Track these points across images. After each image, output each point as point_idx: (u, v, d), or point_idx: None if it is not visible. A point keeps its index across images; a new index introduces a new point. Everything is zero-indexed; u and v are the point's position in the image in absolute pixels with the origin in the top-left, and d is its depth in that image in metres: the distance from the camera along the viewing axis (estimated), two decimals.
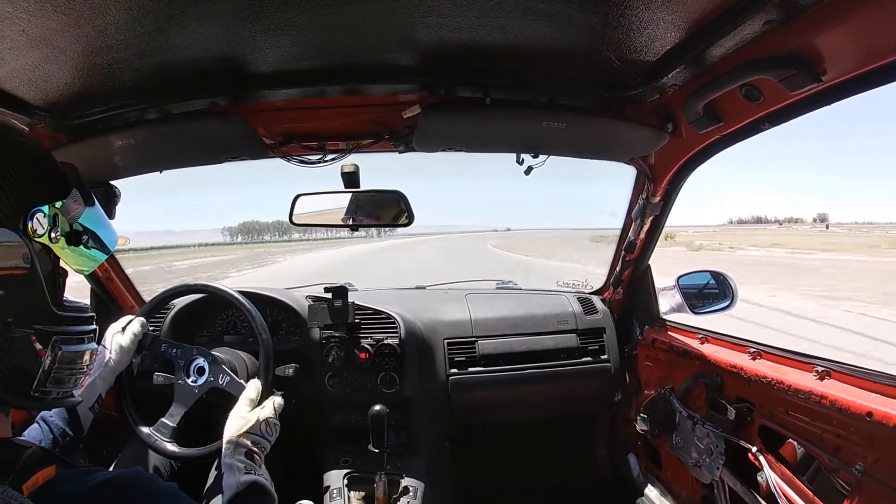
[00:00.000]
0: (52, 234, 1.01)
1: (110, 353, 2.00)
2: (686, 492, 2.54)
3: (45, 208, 0.99)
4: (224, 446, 1.69)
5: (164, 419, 2.09)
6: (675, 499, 2.64)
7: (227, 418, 1.83)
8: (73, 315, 1.06)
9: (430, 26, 1.45)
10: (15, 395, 0.98)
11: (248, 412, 1.80)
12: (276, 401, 1.89)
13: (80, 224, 1.09)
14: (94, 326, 1.13)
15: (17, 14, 1.19)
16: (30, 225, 0.96)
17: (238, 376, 2.16)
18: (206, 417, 2.12)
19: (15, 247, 0.95)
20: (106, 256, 1.23)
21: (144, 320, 2.13)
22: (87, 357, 1.10)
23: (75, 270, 1.15)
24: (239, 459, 1.65)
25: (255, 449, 1.72)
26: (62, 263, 1.08)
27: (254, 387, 1.89)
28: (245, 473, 1.60)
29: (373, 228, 2.37)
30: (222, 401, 2.02)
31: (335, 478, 2.51)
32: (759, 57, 1.43)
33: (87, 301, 2.82)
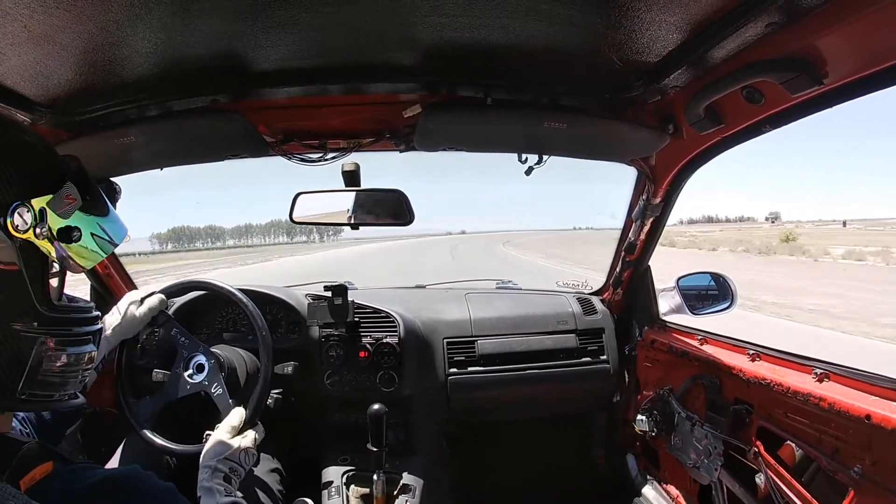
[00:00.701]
0: (37, 230, 0.97)
1: (122, 318, 2.02)
2: (684, 493, 2.54)
3: (30, 203, 0.97)
4: (201, 470, 1.69)
5: (148, 399, 2.12)
6: (672, 499, 2.63)
7: (204, 421, 1.84)
8: (66, 316, 1.04)
9: (432, 26, 1.45)
10: (2, 394, 0.97)
11: (229, 439, 1.79)
12: (257, 432, 1.91)
13: (75, 219, 1.06)
14: (94, 327, 1.11)
15: (19, 10, 1.18)
16: (10, 221, 0.94)
17: (238, 378, 2.17)
18: (187, 414, 2.14)
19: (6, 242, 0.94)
20: (110, 251, 1.21)
21: (165, 297, 2.14)
22: (83, 360, 1.08)
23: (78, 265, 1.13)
24: (218, 483, 1.64)
25: (232, 475, 1.72)
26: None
27: (237, 415, 1.89)
28: (226, 495, 1.60)
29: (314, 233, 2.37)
30: (210, 402, 2.03)
31: (334, 476, 2.52)
32: (761, 59, 1.43)
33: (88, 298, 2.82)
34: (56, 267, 1.07)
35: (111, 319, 2.01)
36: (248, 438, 1.84)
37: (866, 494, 1.52)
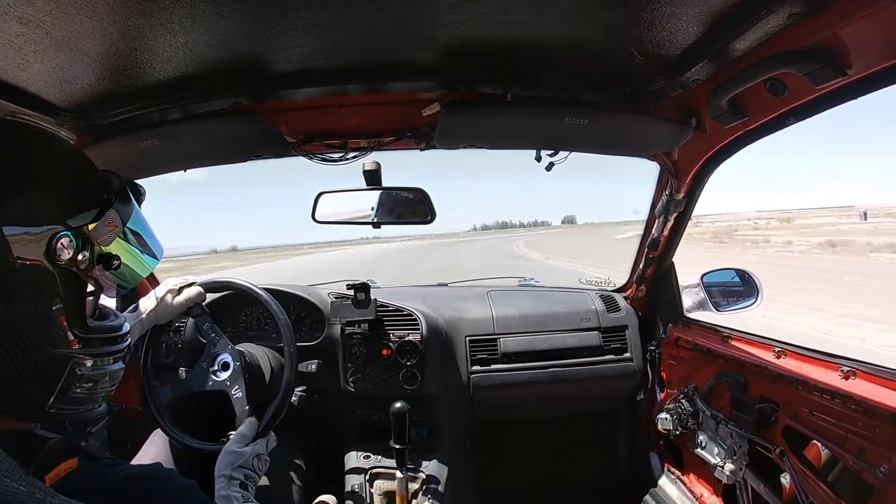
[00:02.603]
0: (79, 258, 0.99)
1: (157, 304, 2.04)
2: (708, 492, 2.52)
3: (70, 234, 0.97)
4: (217, 480, 1.71)
5: (169, 387, 2.14)
6: (696, 499, 2.61)
7: (227, 420, 1.87)
8: (98, 336, 1.05)
9: (451, 24, 1.44)
10: (30, 411, 0.99)
11: (241, 448, 1.81)
12: (270, 440, 1.92)
13: (115, 246, 1.09)
14: (123, 345, 1.12)
15: (41, 17, 1.21)
16: (52, 249, 0.94)
17: (264, 378, 2.20)
18: (210, 410, 2.16)
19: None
20: (151, 270, 1.23)
21: (203, 291, 2.16)
22: (112, 377, 1.09)
23: (118, 287, 1.14)
24: (235, 491, 1.67)
25: (248, 482, 1.74)
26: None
27: (250, 426, 1.90)
28: (243, 502, 1.63)
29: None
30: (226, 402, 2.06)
31: (357, 473, 2.53)
32: (783, 51, 1.40)
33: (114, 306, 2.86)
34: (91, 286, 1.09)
35: (146, 303, 2.03)
36: (260, 445, 1.86)
37: (893, 494, 1.49)
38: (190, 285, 2.14)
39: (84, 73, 1.57)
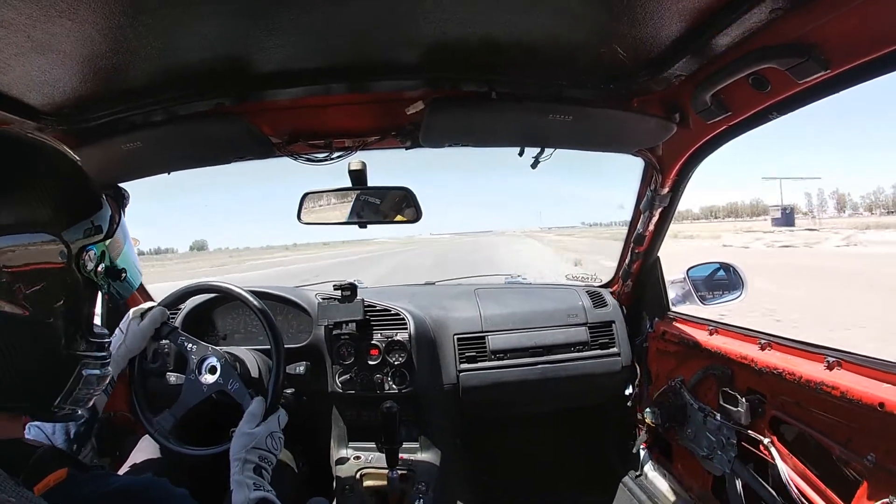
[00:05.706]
0: (99, 269, 1.03)
1: (126, 336, 2.02)
2: (697, 485, 2.53)
3: (95, 247, 1.01)
4: (232, 464, 1.70)
5: (168, 412, 2.10)
6: (686, 491, 2.63)
7: (227, 423, 1.85)
8: (98, 341, 1.08)
9: (435, 22, 1.44)
10: (38, 408, 1.02)
11: (253, 428, 1.81)
12: (280, 416, 1.91)
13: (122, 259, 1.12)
14: (108, 351, 1.14)
15: (21, 20, 1.19)
16: (81, 261, 0.99)
17: (251, 373, 2.18)
18: (209, 419, 2.13)
19: (52, 250, 0.95)
20: (140, 280, 1.25)
21: (165, 310, 2.13)
22: (100, 381, 1.11)
23: (116, 297, 1.17)
24: (248, 476, 1.66)
25: (263, 464, 1.74)
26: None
27: (258, 404, 1.89)
28: (255, 490, 1.62)
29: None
30: (229, 402, 2.03)
31: (347, 474, 2.53)
32: (767, 45, 1.41)
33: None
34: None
35: (115, 340, 2.00)
36: (272, 423, 1.85)
37: (880, 483, 1.50)
38: (151, 308, 2.11)
39: (66, 75, 1.55)
